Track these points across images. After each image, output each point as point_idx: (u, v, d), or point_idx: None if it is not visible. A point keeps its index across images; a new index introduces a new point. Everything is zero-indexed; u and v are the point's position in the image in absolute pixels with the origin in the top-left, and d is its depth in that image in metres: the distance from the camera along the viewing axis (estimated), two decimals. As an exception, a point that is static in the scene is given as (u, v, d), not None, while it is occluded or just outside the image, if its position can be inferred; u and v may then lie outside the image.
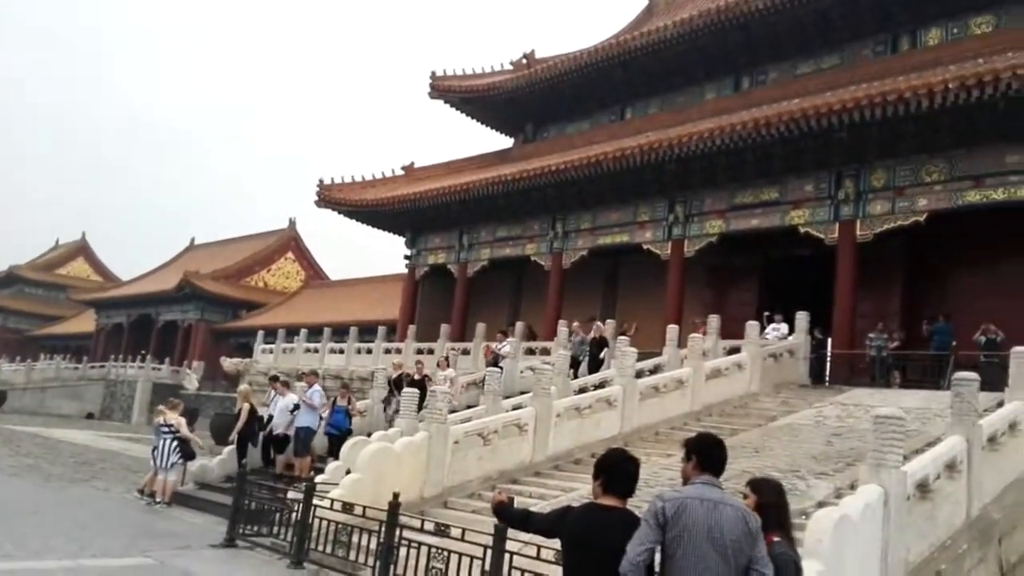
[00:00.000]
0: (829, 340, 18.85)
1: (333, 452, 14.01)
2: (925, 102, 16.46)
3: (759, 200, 21.06)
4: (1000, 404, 8.76)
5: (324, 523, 9.12)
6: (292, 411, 14.58)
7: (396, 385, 16.68)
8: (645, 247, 23.60)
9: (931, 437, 9.29)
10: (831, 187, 19.54)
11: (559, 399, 12.58)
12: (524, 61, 31.72)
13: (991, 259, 18.61)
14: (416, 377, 16.74)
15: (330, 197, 31.81)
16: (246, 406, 14.82)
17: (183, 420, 14.58)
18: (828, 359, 18.68)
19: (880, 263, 19.53)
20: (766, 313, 18.95)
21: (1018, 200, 16.69)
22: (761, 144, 19.69)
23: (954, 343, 16.58)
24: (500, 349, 19.96)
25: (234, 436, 14.86)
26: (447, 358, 19.97)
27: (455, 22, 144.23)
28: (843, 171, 19.32)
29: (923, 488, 6.50)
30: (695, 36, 24.86)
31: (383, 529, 8.10)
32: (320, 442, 15.20)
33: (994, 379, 10.86)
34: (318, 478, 10.90)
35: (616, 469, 3.91)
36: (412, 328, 27.61)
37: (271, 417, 14.97)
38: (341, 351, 28.11)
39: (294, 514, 9.69)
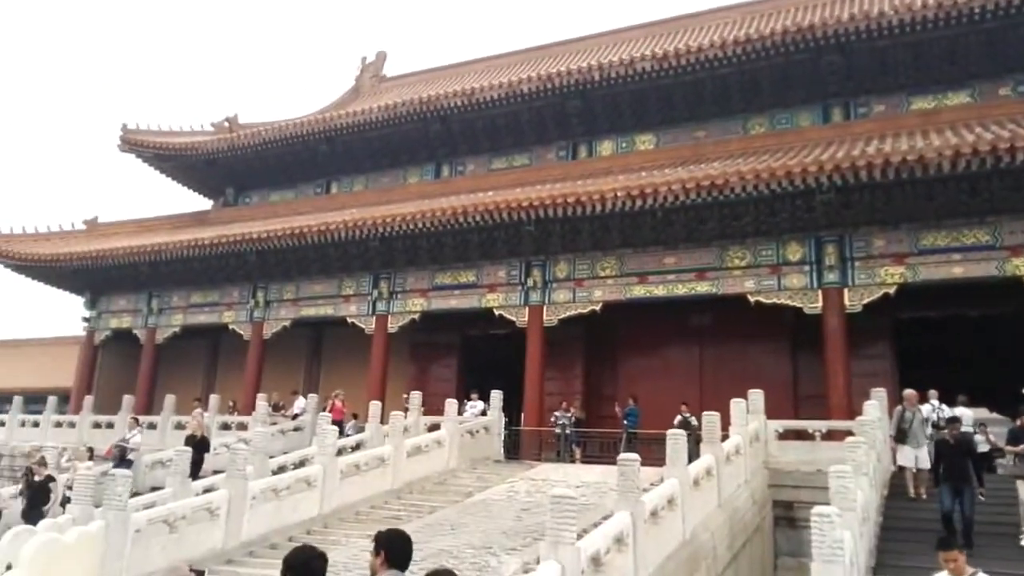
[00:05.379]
0: (522, 416, 20.34)
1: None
2: (599, 207, 18.92)
3: (458, 282, 22.42)
4: (663, 478, 10.08)
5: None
6: None
7: (26, 482, 14.13)
8: (350, 320, 23.79)
9: (607, 510, 10.34)
10: (521, 274, 21.47)
11: (255, 480, 12.09)
12: (227, 125, 30.82)
13: (653, 345, 21.58)
14: (37, 478, 14.00)
15: (-6, 250, 27.87)
16: None
17: None
18: (520, 435, 20.11)
19: (565, 346, 21.69)
20: (474, 395, 19.73)
21: (675, 296, 19.74)
22: (459, 230, 21.14)
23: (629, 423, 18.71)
24: (127, 440, 16.92)
25: None
26: (91, 449, 16.25)
27: (152, 79, 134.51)
28: (531, 261, 21.39)
29: (596, 562, 7.30)
30: (398, 122, 26.15)
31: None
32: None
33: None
34: (-33, 576, 9.32)
35: (306, 568, 3.89)
36: (89, 399, 24.76)
37: None
38: (2, 423, 24.48)
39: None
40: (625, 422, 18.65)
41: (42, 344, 42.71)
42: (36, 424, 23.96)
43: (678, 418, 17.19)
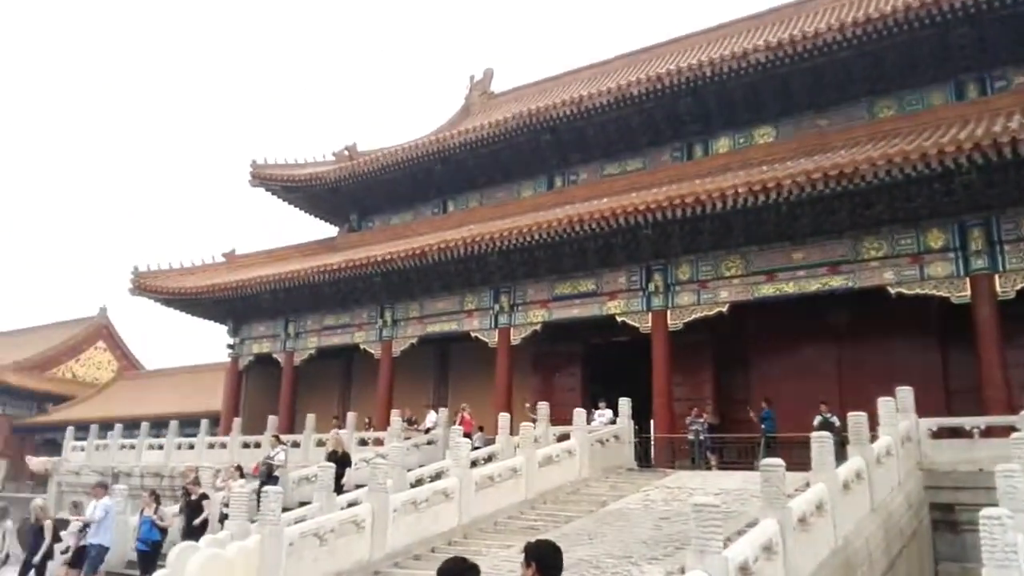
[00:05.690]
0: (651, 424, 20.01)
1: (145, 571, 12.86)
2: (719, 205, 18.43)
3: (578, 291, 22.37)
4: (808, 484, 9.68)
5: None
6: (81, 531, 13.37)
7: (185, 501, 15.20)
8: (473, 335, 24.18)
9: (751, 518, 10.04)
10: (642, 279, 21.19)
11: (396, 493, 12.43)
12: (346, 153, 32.12)
13: (787, 345, 20.75)
14: (193, 497, 14.99)
15: (145, 285, 30.22)
16: (49, 522, 13.43)
17: (8, 527, 13.21)
18: (651, 443, 19.78)
19: (692, 350, 21.17)
20: (601, 404, 19.56)
21: (807, 292, 18.94)
22: (576, 239, 21.08)
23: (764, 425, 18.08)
24: (273, 458, 17.54)
25: (37, 560, 13.28)
26: (239, 467, 17.37)
27: (275, 114, 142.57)
28: (652, 265, 21.07)
29: (744, 571, 7.07)
30: (509, 137, 26.40)
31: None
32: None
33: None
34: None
35: None
36: (237, 421, 26.32)
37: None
38: (160, 447, 26.38)
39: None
40: (763, 426, 18.03)
41: (193, 371, 45.96)
42: (191, 446, 25.64)
43: (817, 418, 16.47)
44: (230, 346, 31.05)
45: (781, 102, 22.69)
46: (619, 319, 21.37)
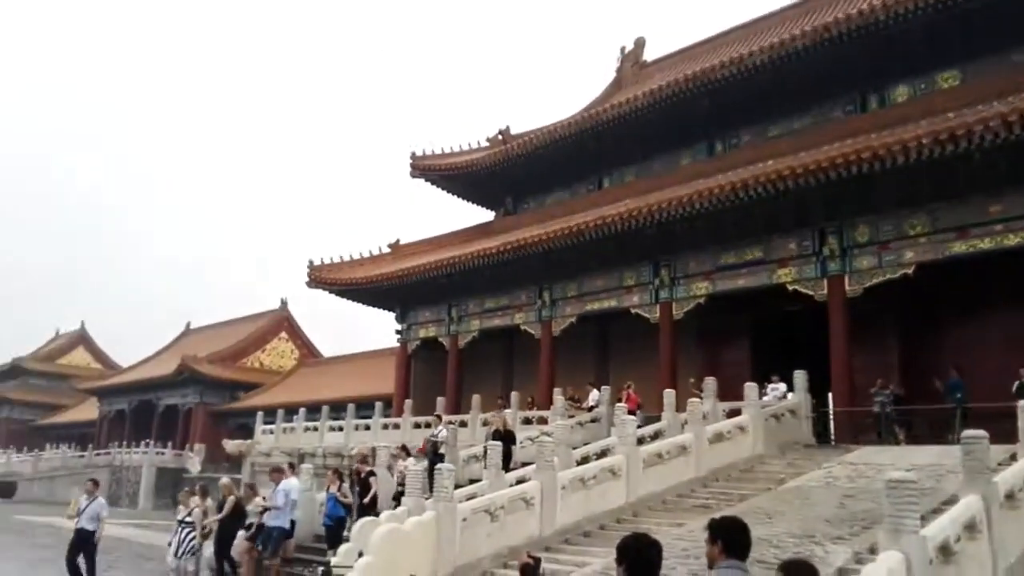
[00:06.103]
0: (829, 397, 18.79)
1: (332, 544, 13.60)
2: (900, 158, 16.87)
3: (743, 260, 21.31)
4: (1013, 456, 8.71)
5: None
6: (261, 512, 14.25)
7: (358, 479, 15.62)
8: (633, 311, 23.71)
9: (947, 495, 9.20)
10: (815, 244, 19.83)
11: (562, 471, 12.42)
12: (500, 137, 32.37)
13: (983, 308, 18.74)
14: (361, 475, 15.54)
15: (320, 277, 32.02)
16: (231, 499, 14.51)
17: (209, 505, 14.39)
18: (831, 417, 18.56)
19: (873, 317, 19.64)
20: (774, 378, 18.59)
21: (1006, 247, 17.00)
22: (740, 206, 19.96)
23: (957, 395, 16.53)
24: (436, 436, 17.93)
25: (212, 525, 14.38)
26: (404, 447, 17.88)
27: (430, 103, 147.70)
28: (825, 228, 19.65)
29: (945, 551, 6.44)
30: (664, 105, 25.44)
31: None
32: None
33: None
34: (333, 561, 10.90)
35: (640, 557, 3.72)
36: (408, 403, 27.41)
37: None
38: (340, 428, 28.04)
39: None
40: (958, 395, 16.44)
41: (364, 357, 48.58)
42: (367, 427, 27.02)
43: (1016, 384, 14.90)
44: (398, 331, 32.34)
45: (967, 41, 20.44)
46: (790, 288, 20.16)
